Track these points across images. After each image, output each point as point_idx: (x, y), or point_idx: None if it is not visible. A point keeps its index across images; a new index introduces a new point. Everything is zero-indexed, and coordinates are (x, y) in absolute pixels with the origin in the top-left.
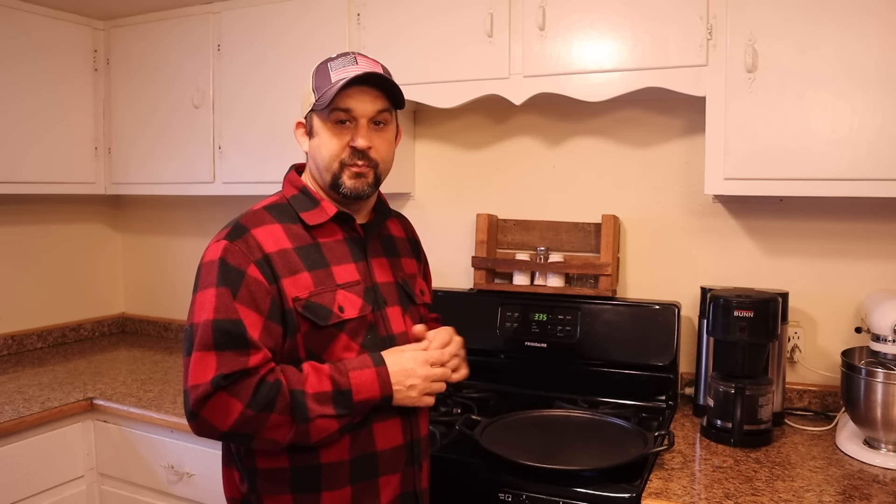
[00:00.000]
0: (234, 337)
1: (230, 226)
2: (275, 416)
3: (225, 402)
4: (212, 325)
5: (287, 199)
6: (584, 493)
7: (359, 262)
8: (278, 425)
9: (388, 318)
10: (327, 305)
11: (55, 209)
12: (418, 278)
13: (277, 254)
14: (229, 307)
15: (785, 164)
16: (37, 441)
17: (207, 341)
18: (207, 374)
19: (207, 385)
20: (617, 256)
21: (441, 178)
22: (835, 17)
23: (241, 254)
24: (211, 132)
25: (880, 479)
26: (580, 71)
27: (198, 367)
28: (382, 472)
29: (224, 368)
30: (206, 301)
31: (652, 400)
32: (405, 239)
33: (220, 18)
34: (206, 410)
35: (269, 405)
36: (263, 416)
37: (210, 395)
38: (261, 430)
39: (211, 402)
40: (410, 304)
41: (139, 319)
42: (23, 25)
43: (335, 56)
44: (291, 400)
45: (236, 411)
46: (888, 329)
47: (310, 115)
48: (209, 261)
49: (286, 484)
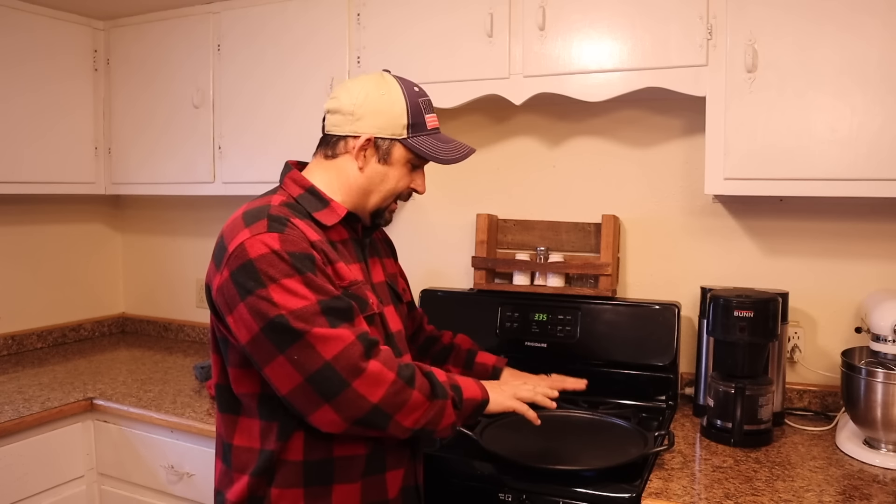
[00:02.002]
0: (343, 311)
1: (262, 218)
2: (416, 393)
3: (377, 370)
4: (319, 307)
5: (295, 199)
6: (584, 493)
7: (360, 262)
8: (416, 406)
9: (387, 317)
10: (362, 296)
11: (55, 209)
12: (398, 277)
13: (318, 242)
14: (324, 287)
15: (785, 164)
16: (37, 441)
17: (322, 323)
18: (347, 338)
19: (357, 344)
20: (617, 256)
21: (441, 178)
22: (835, 17)
23: (300, 239)
24: (211, 132)
25: (880, 479)
26: (580, 71)
27: (326, 342)
28: (389, 467)
29: (360, 332)
30: (294, 289)
31: (652, 400)
32: (382, 240)
33: (220, 18)
34: (359, 381)
35: (410, 381)
36: (408, 391)
37: (364, 357)
38: (401, 409)
39: (365, 372)
40: (399, 303)
41: (139, 319)
42: (23, 25)
43: (417, 89)
44: (427, 380)
45: (388, 380)
46: (888, 329)
47: (391, 142)
48: (263, 254)
49: (300, 478)
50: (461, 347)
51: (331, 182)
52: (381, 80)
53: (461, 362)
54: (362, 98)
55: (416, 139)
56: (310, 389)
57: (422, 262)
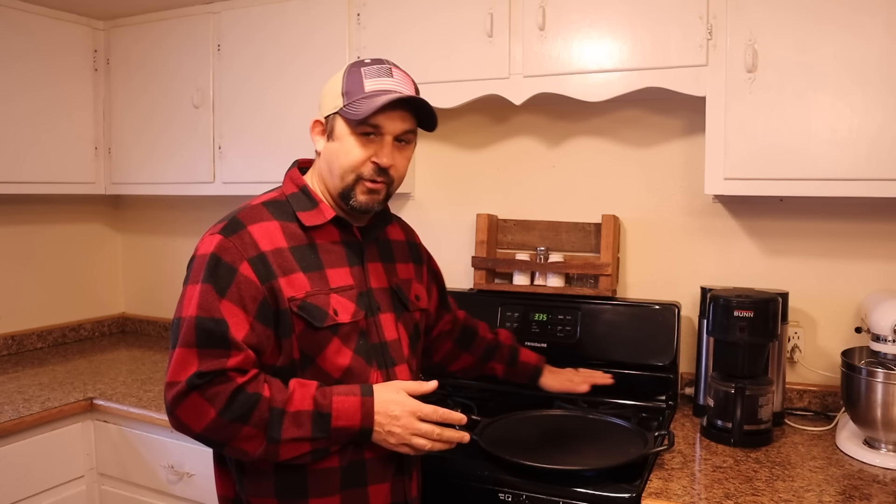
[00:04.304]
0: (215, 336)
1: (226, 219)
2: (248, 428)
3: (199, 404)
4: (195, 323)
5: (286, 197)
6: (584, 493)
7: (354, 266)
8: (250, 437)
9: (381, 325)
10: (322, 307)
11: (55, 209)
12: (414, 283)
13: (272, 252)
14: (213, 306)
15: (785, 164)
16: (37, 441)
17: (189, 338)
18: (187, 372)
19: (182, 384)
20: (617, 256)
21: (441, 178)
22: (835, 16)
23: (235, 250)
24: (211, 132)
25: (880, 479)
26: (580, 71)
27: (178, 364)
28: (371, 481)
29: (202, 367)
30: (192, 296)
31: (652, 400)
32: (404, 242)
33: (220, 18)
34: (180, 409)
35: (244, 417)
36: (236, 426)
37: (185, 394)
38: (233, 440)
39: (186, 402)
40: (404, 311)
41: (139, 319)
42: (23, 25)
43: (369, 61)
44: (269, 416)
45: (209, 417)
46: (888, 329)
47: (332, 117)
48: (201, 254)
49: (271, 488)
50: (504, 344)
51: (313, 177)
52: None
53: (504, 360)
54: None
55: (350, 105)
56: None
57: None
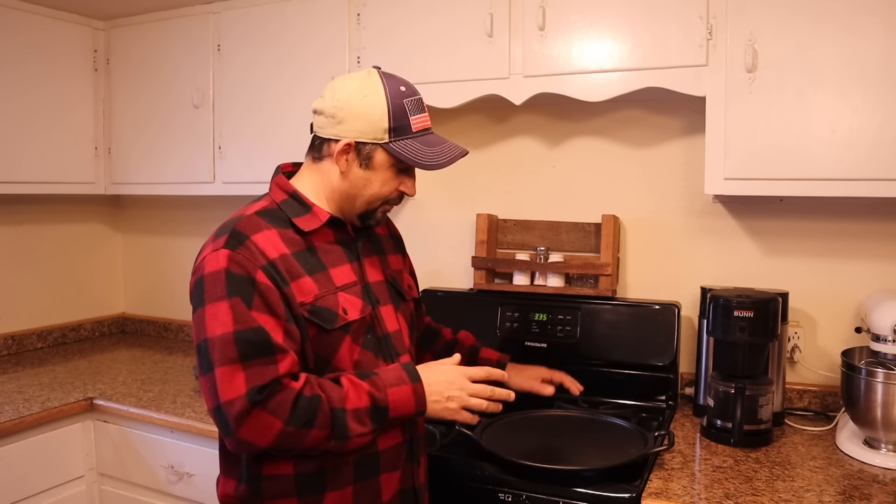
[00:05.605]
0: (258, 345)
1: (225, 233)
2: (314, 431)
3: (264, 419)
4: (233, 337)
5: (277, 204)
6: (584, 493)
7: (352, 262)
8: (317, 439)
9: (383, 317)
10: (332, 308)
11: (55, 209)
12: (404, 273)
13: (279, 259)
14: (246, 317)
15: (785, 164)
16: (37, 441)
17: (231, 355)
18: (240, 389)
19: (243, 400)
20: (617, 256)
21: (441, 177)
22: (835, 16)
23: (247, 261)
24: (211, 132)
25: (880, 479)
26: (580, 71)
27: (227, 383)
28: (384, 470)
29: (256, 380)
30: (219, 314)
31: (652, 400)
32: (388, 235)
33: (220, 18)
34: (244, 429)
35: (309, 422)
36: (304, 431)
37: (248, 412)
38: (300, 444)
39: (249, 420)
40: (401, 302)
41: (139, 319)
42: (23, 25)
43: (405, 89)
44: (332, 417)
45: (276, 429)
46: (888, 329)
47: (372, 147)
48: (212, 272)
49: (292, 488)
50: (465, 343)
51: (316, 185)
52: (367, 80)
53: (465, 359)
54: (344, 100)
55: (399, 143)
56: (216, 419)
57: (422, 262)
